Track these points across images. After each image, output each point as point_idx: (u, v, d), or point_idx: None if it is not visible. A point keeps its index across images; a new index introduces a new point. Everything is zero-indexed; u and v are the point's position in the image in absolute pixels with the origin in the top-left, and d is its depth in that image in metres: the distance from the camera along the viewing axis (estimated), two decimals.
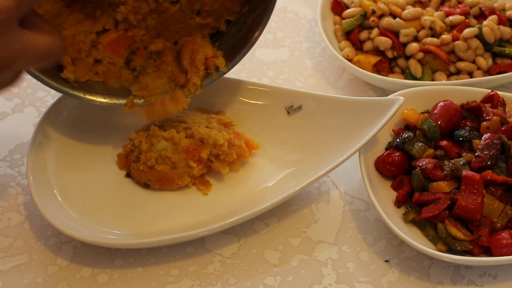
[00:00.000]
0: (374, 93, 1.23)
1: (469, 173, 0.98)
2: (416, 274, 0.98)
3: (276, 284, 0.97)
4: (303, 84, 1.25)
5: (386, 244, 1.01)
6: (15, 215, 1.05)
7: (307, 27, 1.35)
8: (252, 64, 1.28)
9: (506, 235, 0.95)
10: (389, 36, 1.21)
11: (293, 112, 1.10)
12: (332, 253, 1.00)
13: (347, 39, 1.26)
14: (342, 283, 0.97)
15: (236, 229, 1.03)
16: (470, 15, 1.23)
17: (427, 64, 1.19)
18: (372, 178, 1.03)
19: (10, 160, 1.11)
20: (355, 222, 1.04)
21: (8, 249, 1.01)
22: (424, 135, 1.04)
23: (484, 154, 1.00)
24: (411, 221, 1.00)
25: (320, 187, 1.08)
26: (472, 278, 0.97)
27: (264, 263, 1.00)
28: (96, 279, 0.98)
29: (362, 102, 1.07)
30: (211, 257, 1.00)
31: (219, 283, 0.97)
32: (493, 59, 1.20)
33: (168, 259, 1.00)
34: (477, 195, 0.96)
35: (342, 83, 1.25)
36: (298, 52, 1.31)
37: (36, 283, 0.97)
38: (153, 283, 0.97)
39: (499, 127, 1.04)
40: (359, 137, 1.02)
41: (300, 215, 1.05)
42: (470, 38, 1.18)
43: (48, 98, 1.21)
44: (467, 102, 1.10)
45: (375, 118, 1.03)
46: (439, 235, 0.97)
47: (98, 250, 1.00)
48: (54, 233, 1.02)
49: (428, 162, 1.01)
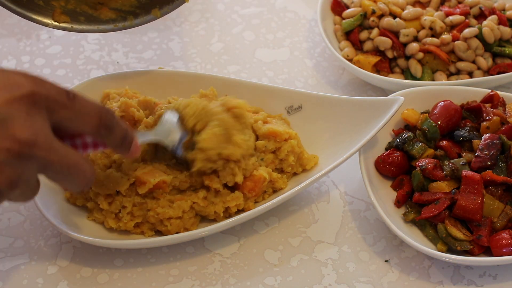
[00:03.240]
0: (374, 93, 1.23)
1: (469, 173, 0.98)
2: (416, 274, 0.98)
3: (276, 284, 0.97)
4: (303, 84, 1.25)
5: (386, 244, 1.01)
6: (15, 215, 1.05)
7: (307, 27, 1.35)
8: (252, 64, 1.28)
9: (506, 235, 0.95)
10: (389, 36, 1.21)
11: (293, 112, 1.10)
12: (332, 253, 1.00)
13: (347, 39, 1.25)
14: (342, 283, 0.97)
15: (236, 229, 1.03)
16: (470, 15, 1.23)
17: (427, 64, 1.19)
18: (372, 178, 1.03)
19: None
20: (355, 222, 1.04)
21: (8, 249, 1.01)
22: (424, 135, 1.04)
23: (484, 154, 1.00)
24: (411, 221, 1.00)
25: (320, 187, 1.08)
26: (472, 278, 0.97)
27: (264, 263, 1.00)
28: (96, 279, 0.98)
29: (362, 102, 1.07)
30: (211, 257, 1.00)
31: (219, 283, 0.97)
32: (493, 59, 1.20)
33: (168, 259, 1.00)
34: (477, 195, 0.96)
35: (342, 83, 1.25)
36: (298, 52, 1.31)
37: (36, 283, 0.97)
38: (153, 283, 0.97)
39: (499, 127, 1.04)
40: (359, 137, 1.02)
41: (300, 215, 1.05)
42: (470, 38, 1.18)
43: None
44: (467, 102, 1.10)
45: (375, 118, 1.03)
46: (439, 235, 0.97)
47: (98, 250, 1.00)
48: (54, 233, 1.02)
49: (428, 162, 1.01)
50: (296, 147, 1.03)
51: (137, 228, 0.98)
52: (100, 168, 0.99)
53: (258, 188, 0.99)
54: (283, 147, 1.02)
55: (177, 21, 1.36)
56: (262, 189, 1.01)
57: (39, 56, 1.29)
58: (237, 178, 0.98)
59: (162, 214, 0.96)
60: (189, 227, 0.98)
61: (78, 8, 1.08)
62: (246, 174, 0.99)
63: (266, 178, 1.00)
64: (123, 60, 1.29)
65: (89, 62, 1.28)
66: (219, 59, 1.29)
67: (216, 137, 0.96)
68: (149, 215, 0.97)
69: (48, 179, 0.78)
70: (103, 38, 1.32)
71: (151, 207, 0.97)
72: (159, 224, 0.98)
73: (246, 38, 1.33)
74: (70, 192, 1.01)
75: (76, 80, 1.24)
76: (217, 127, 0.97)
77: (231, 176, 0.98)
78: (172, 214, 0.96)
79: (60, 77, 1.25)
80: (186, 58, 1.29)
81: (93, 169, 0.80)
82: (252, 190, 0.99)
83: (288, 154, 1.02)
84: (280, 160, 1.03)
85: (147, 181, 0.96)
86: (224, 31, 1.34)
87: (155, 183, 0.97)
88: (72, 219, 0.99)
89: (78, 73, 1.26)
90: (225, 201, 0.98)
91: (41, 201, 0.98)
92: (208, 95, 1.09)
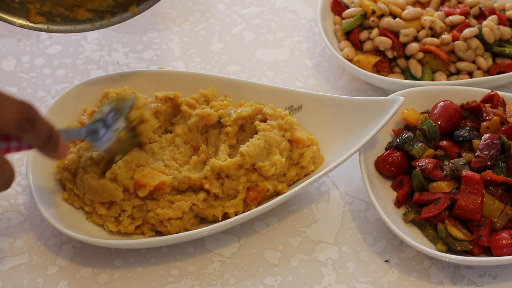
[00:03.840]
0: (374, 93, 1.23)
1: (469, 173, 0.98)
2: (416, 274, 0.98)
3: (276, 284, 0.97)
4: (303, 84, 1.25)
5: (386, 244, 1.01)
6: (15, 215, 1.05)
7: (307, 27, 1.35)
8: (252, 64, 1.28)
9: (506, 235, 0.95)
10: (389, 36, 1.20)
11: (293, 112, 1.09)
12: (332, 253, 1.00)
13: (347, 39, 1.25)
14: (342, 283, 0.97)
15: (236, 229, 1.03)
16: (470, 15, 1.23)
17: (427, 64, 1.19)
18: (372, 178, 1.03)
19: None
20: (355, 222, 1.04)
21: (8, 249, 1.01)
22: (424, 135, 1.04)
23: (484, 154, 1.00)
24: (411, 221, 1.00)
25: (320, 187, 1.08)
26: (472, 278, 0.97)
27: (264, 263, 1.00)
28: (96, 279, 0.98)
29: (362, 102, 1.07)
30: (211, 257, 1.00)
31: (219, 283, 0.97)
32: (493, 59, 1.20)
33: (168, 259, 1.00)
34: (477, 195, 0.96)
35: (342, 83, 1.25)
36: (298, 52, 1.31)
37: (36, 283, 0.97)
38: (153, 283, 0.97)
39: (499, 127, 1.04)
40: (359, 137, 1.02)
41: (300, 215, 1.05)
42: (470, 38, 1.18)
43: (48, 98, 1.21)
44: (467, 102, 1.10)
45: (375, 118, 1.03)
46: (439, 235, 0.97)
47: (98, 250, 1.00)
48: (54, 233, 1.02)
49: (428, 162, 1.01)
50: (317, 152, 1.04)
51: (137, 229, 0.98)
52: (91, 176, 0.98)
53: (260, 197, 1.00)
54: (306, 153, 1.03)
55: (177, 21, 1.36)
56: (265, 198, 1.01)
57: (39, 56, 1.29)
58: (239, 196, 0.99)
59: (162, 215, 0.96)
60: (189, 228, 0.98)
61: (54, 10, 1.08)
62: (251, 185, 0.99)
63: (269, 190, 1.00)
64: (123, 60, 1.29)
65: (89, 62, 1.28)
66: (219, 59, 1.29)
67: (259, 148, 0.99)
68: (149, 216, 0.97)
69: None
70: (103, 38, 1.32)
71: (151, 208, 0.97)
72: (159, 225, 0.97)
73: (246, 38, 1.33)
74: (68, 193, 1.01)
75: (76, 80, 1.24)
76: (262, 139, 0.99)
77: (233, 191, 0.99)
78: (172, 215, 0.96)
79: (60, 77, 1.25)
80: (186, 58, 1.29)
81: (13, 170, 0.79)
82: (254, 199, 0.99)
83: (310, 162, 1.03)
84: (302, 167, 1.03)
85: (147, 183, 0.96)
86: (224, 31, 1.34)
87: (155, 185, 0.97)
88: (72, 219, 0.99)
89: (78, 73, 1.26)
90: (225, 206, 0.98)
91: (41, 201, 0.98)
92: (208, 95, 1.09)
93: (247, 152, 0.98)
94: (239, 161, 0.98)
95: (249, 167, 0.98)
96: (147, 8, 1.09)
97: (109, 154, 0.98)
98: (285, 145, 1.02)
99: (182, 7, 1.39)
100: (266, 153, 1.00)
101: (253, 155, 0.98)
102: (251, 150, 0.98)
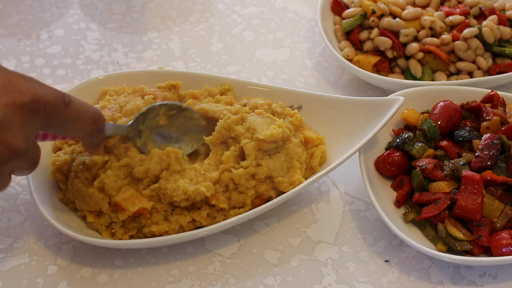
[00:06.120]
0: (374, 93, 1.23)
1: (469, 173, 0.98)
2: (416, 274, 0.98)
3: (276, 284, 0.97)
4: (303, 84, 1.25)
5: (386, 244, 1.01)
6: (15, 215, 1.05)
7: (307, 27, 1.35)
8: (252, 64, 1.28)
9: (506, 235, 0.95)
10: (389, 36, 1.21)
11: None
12: (332, 253, 1.00)
13: (347, 39, 1.26)
14: (342, 283, 0.97)
15: (236, 229, 1.03)
16: (470, 15, 1.23)
17: (427, 64, 1.19)
18: (372, 178, 1.03)
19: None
20: (355, 222, 1.04)
21: (8, 249, 1.01)
22: (424, 135, 1.04)
23: (484, 154, 1.00)
24: (411, 221, 1.00)
25: (320, 187, 1.08)
26: (472, 278, 0.97)
27: (264, 263, 1.00)
28: (96, 279, 0.98)
29: (362, 102, 1.07)
30: (211, 257, 1.00)
31: (219, 283, 0.97)
32: (493, 59, 1.20)
33: (168, 259, 1.00)
34: (477, 195, 0.96)
35: (342, 83, 1.25)
36: (298, 52, 1.31)
37: (36, 283, 0.97)
38: (153, 283, 0.97)
39: (499, 127, 1.04)
40: (359, 137, 1.02)
41: (300, 215, 1.05)
42: (470, 38, 1.18)
43: None
44: (467, 102, 1.10)
45: (375, 118, 1.03)
46: (439, 235, 0.97)
47: (98, 250, 1.00)
48: (54, 233, 1.02)
49: (428, 162, 1.01)
50: (325, 152, 1.05)
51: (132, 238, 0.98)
52: (81, 182, 0.98)
53: (263, 203, 1.00)
54: (316, 153, 1.03)
55: (177, 21, 1.36)
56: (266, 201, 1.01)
57: (39, 56, 1.29)
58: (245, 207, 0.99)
59: (158, 231, 0.96)
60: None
61: None
62: (258, 194, 1.00)
63: (272, 197, 1.00)
64: (123, 60, 1.29)
65: (89, 62, 1.28)
66: (219, 59, 1.29)
67: (279, 162, 0.98)
68: (144, 231, 0.97)
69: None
70: (103, 38, 1.32)
71: (145, 223, 0.97)
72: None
73: (246, 38, 1.33)
74: (62, 194, 1.01)
75: (76, 80, 1.24)
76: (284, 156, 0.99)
77: (240, 203, 0.98)
78: (168, 228, 0.96)
79: (60, 77, 1.25)
80: (186, 58, 1.29)
81: (39, 154, 0.83)
82: (257, 206, 0.99)
83: (320, 162, 1.03)
84: (311, 168, 1.03)
85: (127, 208, 0.95)
86: (224, 31, 1.34)
87: (134, 211, 0.96)
88: (72, 219, 0.99)
89: (78, 73, 1.26)
90: (228, 215, 0.98)
91: (41, 201, 0.98)
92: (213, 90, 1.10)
93: (266, 163, 0.98)
94: (252, 171, 0.97)
95: (262, 178, 0.98)
96: None
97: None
98: (305, 158, 1.02)
99: (182, 7, 1.39)
100: (286, 166, 1.00)
101: (272, 167, 0.98)
102: (271, 164, 0.98)
